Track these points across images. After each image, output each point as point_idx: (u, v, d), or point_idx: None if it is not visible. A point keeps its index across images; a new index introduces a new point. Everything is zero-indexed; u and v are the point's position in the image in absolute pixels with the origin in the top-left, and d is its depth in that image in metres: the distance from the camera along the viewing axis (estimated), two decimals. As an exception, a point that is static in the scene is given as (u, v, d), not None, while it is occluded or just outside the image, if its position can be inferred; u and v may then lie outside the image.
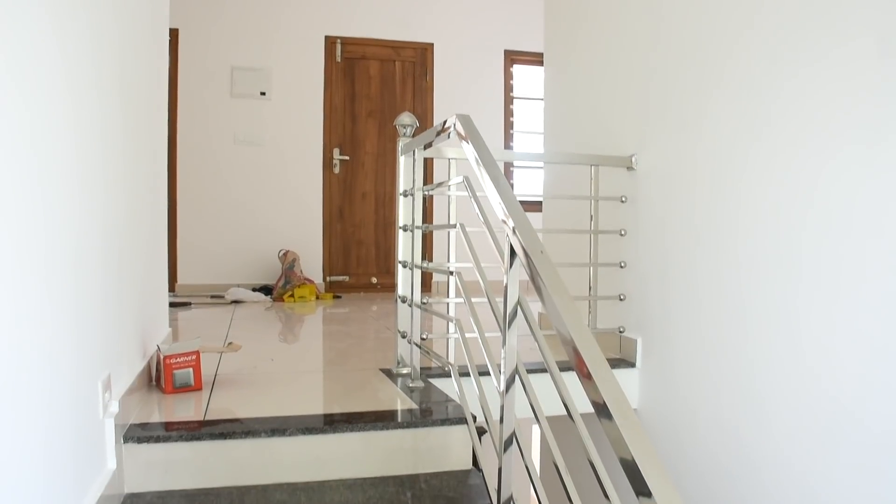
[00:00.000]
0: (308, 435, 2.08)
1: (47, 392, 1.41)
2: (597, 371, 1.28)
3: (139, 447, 2.00)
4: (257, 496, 1.98)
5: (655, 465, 1.10)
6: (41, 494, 1.38)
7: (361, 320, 4.66)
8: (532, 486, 1.71)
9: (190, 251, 6.07)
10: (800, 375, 2.14)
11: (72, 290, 1.60)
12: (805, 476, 2.12)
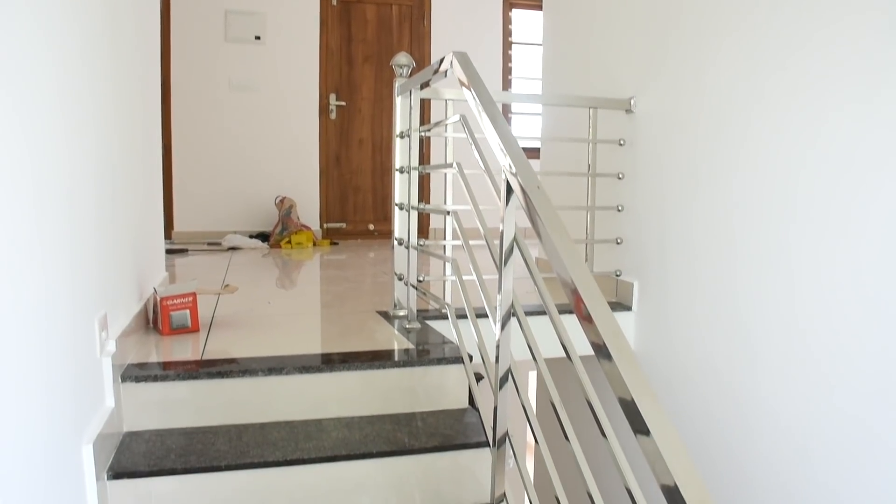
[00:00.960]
0: (305, 374, 2.09)
1: (43, 329, 1.41)
2: (596, 310, 1.27)
3: (137, 386, 2.01)
4: (255, 434, 1.99)
5: (654, 405, 1.10)
6: (43, 430, 1.39)
7: (358, 266, 4.66)
8: (528, 423, 1.72)
9: (186, 198, 6.04)
10: (794, 319, 2.15)
11: (65, 227, 1.58)
12: (797, 420, 2.14)
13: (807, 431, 2.10)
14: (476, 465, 1.99)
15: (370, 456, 1.89)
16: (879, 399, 1.87)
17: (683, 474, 1.00)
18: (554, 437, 1.78)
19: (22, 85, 1.34)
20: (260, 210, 6.13)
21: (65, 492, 1.51)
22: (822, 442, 2.05)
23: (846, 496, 1.96)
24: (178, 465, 1.81)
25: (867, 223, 1.91)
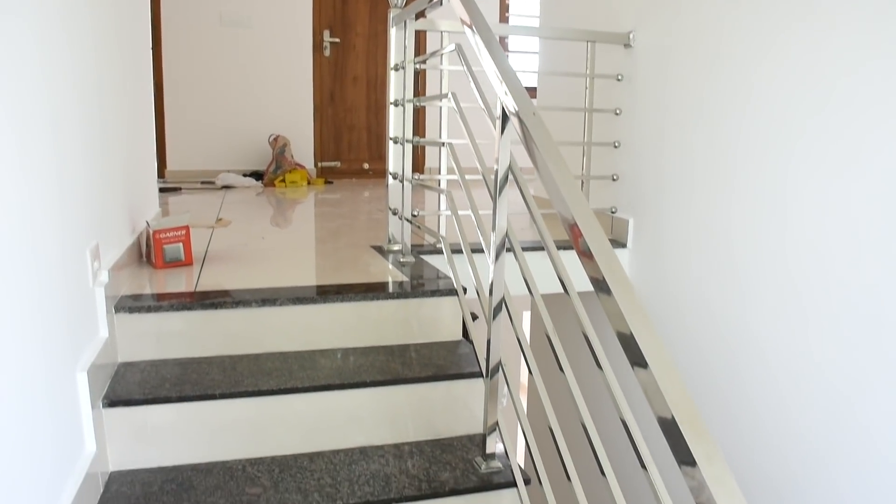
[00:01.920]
0: (299, 305, 2.08)
1: (31, 257, 1.39)
2: (594, 243, 1.25)
3: (131, 317, 2.01)
4: (249, 364, 2.00)
5: (653, 338, 1.10)
6: (35, 358, 1.38)
7: (353, 203, 4.63)
8: (522, 353, 1.73)
9: (178, 137, 5.97)
10: (787, 256, 2.14)
11: (49, 153, 1.55)
12: (788, 355, 2.15)
13: (797, 364, 2.11)
14: (469, 396, 2.00)
15: (364, 385, 1.90)
16: (870, 332, 1.88)
17: (681, 407, 1.00)
18: (547, 370, 1.79)
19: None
20: (253, 149, 6.07)
21: (60, 419, 1.51)
22: (812, 374, 2.06)
23: (836, 425, 1.99)
24: (172, 394, 1.82)
25: (864, 160, 1.89)
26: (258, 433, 1.87)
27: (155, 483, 1.76)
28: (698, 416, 1.00)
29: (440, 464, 1.85)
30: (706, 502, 0.94)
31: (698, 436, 0.98)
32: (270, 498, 1.68)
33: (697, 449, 0.97)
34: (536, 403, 3.42)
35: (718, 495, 0.92)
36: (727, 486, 0.93)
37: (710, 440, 0.98)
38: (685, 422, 0.98)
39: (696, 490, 0.96)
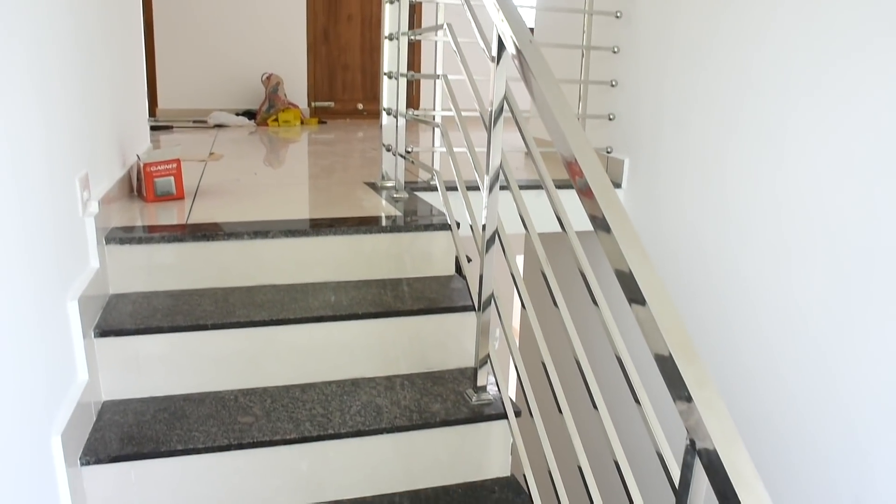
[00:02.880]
0: (291, 238, 2.07)
1: (14, 181, 1.37)
2: (594, 180, 1.23)
3: (122, 248, 1.99)
4: (241, 296, 1.99)
5: (651, 274, 1.09)
6: (24, 284, 1.37)
7: (347, 143, 4.59)
8: (515, 285, 1.72)
9: (169, 76, 5.87)
10: (784, 197, 2.13)
11: (32, 76, 1.51)
12: (781, 295, 2.15)
13: (790, 305, 2.12)
14: (461, 330, 2.00)
15: (356, 317, 1.90)
16: (862, 272, 1.88)
17: (678, 344, 1.00)
18: (541, 307, 1.79)
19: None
20: (246, 87, 5.99)
21: (52, 347, 1.51)
22: (804, 313, 2.07)
23: (827, 364, 2.00)
24: (164, 324, 1.82)
25: (863, 99, 1.86)
26: (250, 364, 1.88)
27: (147, 412, 1.77)
28: (695, 352, 0.99)
29: (431, 395, 1.86)
30: (696, 425, 0.94)
31: (695, 371, 0.98)
32: (262, 427, 1.69)
33: (691, 379, 0.97)
34: (529, 340, 3.44)
35: (709, 421, 0.92)
36: (722, 420, 0.93)
37: (705, 373, 0.98)
38: (681, 358, 0.98)
39: (685, 414, 0.96)
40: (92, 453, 1.59)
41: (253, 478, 1.69)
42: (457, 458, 1.81)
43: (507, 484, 1.83)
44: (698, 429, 0.94)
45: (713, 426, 0.93)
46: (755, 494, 0.87)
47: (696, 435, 0.94)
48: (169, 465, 1.63)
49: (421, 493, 1.78)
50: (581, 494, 1.48)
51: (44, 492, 1.39)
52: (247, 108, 5.90)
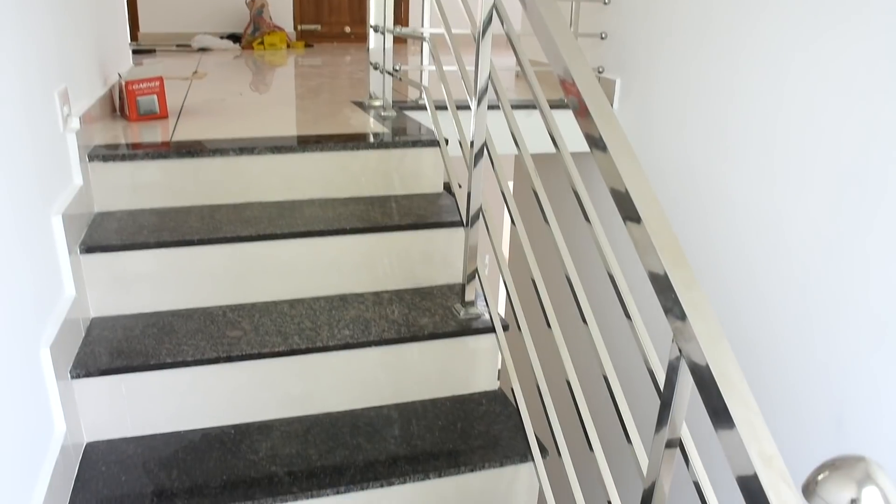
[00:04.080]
0: (278, 154, 2.04)
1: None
2: (591, 98, 1.20)
3: (105, 166, 1.96)
4: (228, 213, 1.98)
5: (647, 192, 1.07)
6: (5, 198, 1.35)
7: (334, 66, 4.51)
8: (504, 199, 1.71)
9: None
10: (776, 114, 2.10)
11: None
12: (772, 215, 2.14)
13: (778, 227, 2.11)
14: (449, 246, 2.00)
15: (344, 233, 1.89)
16: (852, 196, 1.87)
17: (672, 260, 0.99)
18: (530, 224, 1.78)
19: None
20: (230, 10, 5.84)
21: (37, 263, 1.50)
22: (790, 236, 2.07)
23: (811, 287, 2.01)
24: (150, 240, 1.80)
25: (863, 17, 1.82)
26: (238, 280, 1.87)
27: (136, 327, 1.77)
28: (689, 269, 0.99)
29: (420, 310, 1.86)
30: (682, 327, 0.95)
31: (683, 274, 0.97)
32: (251, 340, 1.70)
33: (679, 282, 0.97)
34: (518, 258, 3.44)
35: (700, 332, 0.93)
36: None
37: (693, 277, 0.98)
38: (676, 274, 0.97)
39: (672, 317, 0.96)
40: (82, 367, 1.59)
41: (242, 391, 1.70)
42: (445, 371, 1.83)
43: (494, 397, 1.85)
44: (684, 330, 0.94)
45: (699, 328, 0.93)
46: (739, 395, 0.88)
47: (682, 336, 0.95)
48: (158, 377, 1.64)
49: (409, 405, 1.80)
50: (568, 407, 1.50)
51: (36, 404, 1.40)
52: (231, 32, 5.77)
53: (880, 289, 1.81)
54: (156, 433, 1.68)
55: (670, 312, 0.97)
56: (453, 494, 1.62)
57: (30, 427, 1.35)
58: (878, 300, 1.81)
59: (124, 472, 1.55)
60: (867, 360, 1.86)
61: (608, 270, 1.28)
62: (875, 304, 1.82)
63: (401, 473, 1.55)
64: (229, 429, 1.70)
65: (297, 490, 1.49)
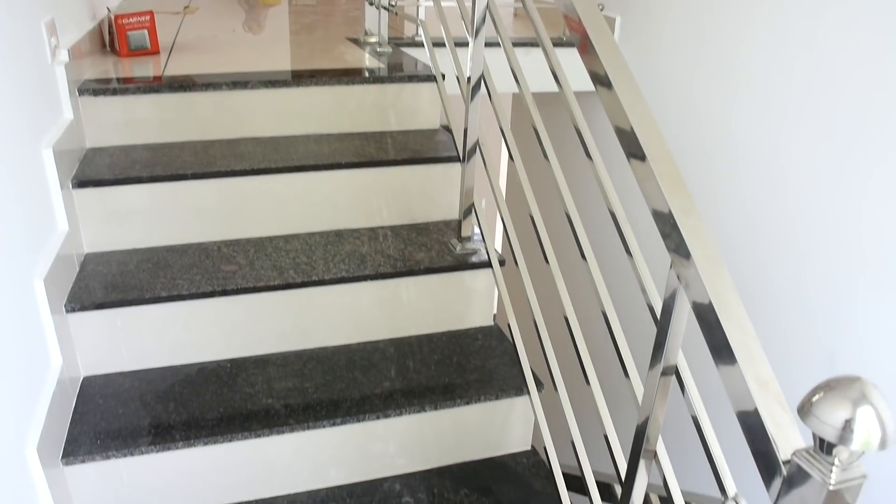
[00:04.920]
0: (272, 89, 2.01)
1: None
2: (596, 33, 1.16)
3: (96, 100, 1.93)
4: (222, 148, 1.95)
5: (653, 129, 1.05)
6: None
7: (329, 3, 4.41)
8: (503, 137, 1.69)
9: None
10: (780, 53, 2.06)
11: None
12: (770, 152, 2.12)
13: (776, 165, 2.09)
14: (446, 183, 1.98)
15: (339, 167, 1.87)
16: (856, 131, 1.85)
17: (672, 188, 0.98)
18: (529, 162, 1.75)
19: None
20: (222, -53, 5.70)
21: (29, 194, 1.48)
22: (789, 173, 2.05)
23: (806, 223, 2.00)
24: (143, 175, 1.78)
25: None
26: (233, 215, 1.86)
27: (130, 263, 1.76)
28: (696, 209, 0.97)
29: (416, 245, 1.85)
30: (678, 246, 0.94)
31: (687, 214, 0.96)
32: (246, 274, 1.69)
33: (678, 209, 0.96)
34: (516, 195, 3.42)
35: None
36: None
37: (693, 203, 0.96)
38: (681, 214, 0.96)
39: (670, 242, 0.95)
40: (77, 300, 1.59)
41: (238, 325, 1.70)
42: (441, 306, 1.82)
43: (490, 332, 1.85)
44: (682, 256, 0.93)
45: (698, 253, 0.92)
46: (736, 319, 0.88)
47: (680, 262, 0.94)
48: (154, 311, 1.63)
49: (405, 340, 1.80)
50: (564, 342, 1.50)
51: (31, 337, 1.39)
52: (224, -31, 5.64)
53: (876, 228, 1.80)
54: (152, 367, 1.69)
55: (668, 238, 0.96)
56: (449, 427, 1.63)
57: (26, 359, 1.35)
58: (873, 239, 1.81)
59: (121, 406, 1.56)
60: (861, 297, 1.86)
61: (609, 207, 1.27)
62: (870, 242, 1.81)
63: (396, 406, 1.55)
64: (226, 363, 1.70)
65: (293, 422, 1.49)
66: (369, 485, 1.61)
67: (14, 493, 1.21)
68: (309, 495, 1.57)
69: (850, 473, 0.70)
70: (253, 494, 1.56)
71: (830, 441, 0.68)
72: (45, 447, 1.33)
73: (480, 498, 1.58)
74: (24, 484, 1.26)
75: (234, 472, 1.53)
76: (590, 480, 1.42)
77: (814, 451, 0.72)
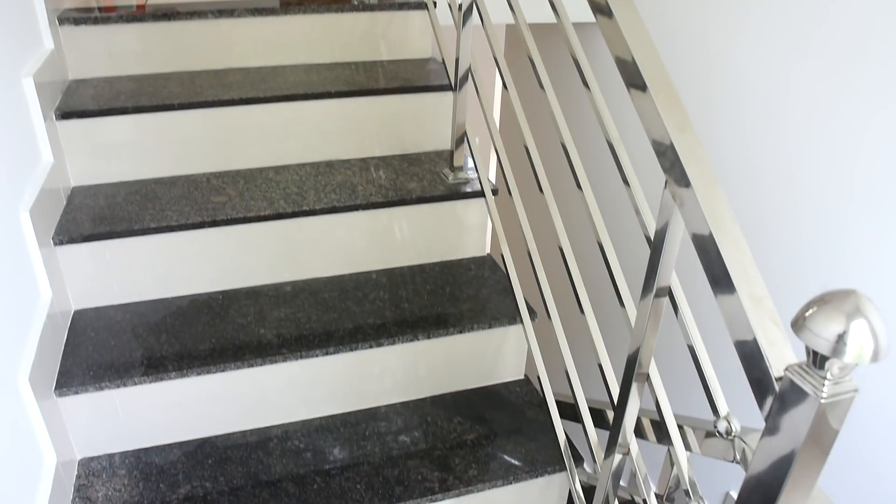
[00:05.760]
0: (259, 17, 1.95)
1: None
2: None
3: (77, 29, 1.88)
4: (209, 78, 1.91)
5: (655, 59, 1.02)
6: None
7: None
8: (496, 65, 1.64)
9: None
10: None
11: None
12: (774, 81, 2.08)
13: (777, 93, 2.06)
14: (437, 113, 1.94)
15: (329, 96, 1.83)
16: (855, 61, 1.81)
17: (674, 118, 0.95)
18: (524, 92, 1.72)
19: None
20: None
21: (11, 125, 1.45)
22: (790, 102, 2.01)
23: (808, 156, 1.98)
24: (128, 105, 1.74)
25: None
26: (221, 146, 1.83)
27: (118, 195, 1.73)
28: (696, 137, 0.95)
29: (407, 175, 1.83)
30: (673, 165, 0.92)
31: (682, 132, 0.94)
32: (236, 205, 1.67)
33: (672, 125, 0.93)
34: (510, 126, 3.39)
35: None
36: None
37: (693, 135, 0.94)
38: (680, 140, 0.94)
39: (665, 159, 0.93)
40: (64, 233, 1.57)
41: (229, 256, 1.69)
42: (433, 237, 1.81)
43: (483, 262, 1.84)
44: (677, 173, 0.92)
45: (693, 171, 0.91)
46: (731, 237, 0.86)
47: (675, 181, 0.92)
48: (143, 243, 1.61)
49: (397, 271, 1.80)
50: (557, 272, 1.49)
51: (19, 269, 1.37)
52: None
53: (872, 154, 1.78)
54: (143, 300, 1.68)
55: (664, 156, 0.94)
56: (442, 356, 1.63)
57: (15, 291, 1.34)
58: (869, 166, 1.79)
59: (113, 338, 1.55)
60: (856, 225, 1.85)
61: (607, 138, 1.24)
62: (866, 169, 1.80)
63: (389, 335, 1.55)
64: (217, 295, 1.69)
65: (286, 352, 1.49)
66: (363, 414, 1.62)
67: (9, 424, 1.21)
68: (303, 425, 1.58)
69: (842, 387, 0.70)
70: (247, 424, 1.57)
71: (824, 354, 0.68)
72: (38, 378, 1.32)
73: (474, 426, 1.59)
74: (19, 415, 1.25)
75: (227, 402, 1.53)
76: (582, 406, 1.42)
77: (806, 365, 0.71)
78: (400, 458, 1.50)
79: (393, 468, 1.48)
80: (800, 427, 0.72)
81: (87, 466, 1.48)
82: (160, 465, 1.48)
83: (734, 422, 1.07)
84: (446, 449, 1.53)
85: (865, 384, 0.88)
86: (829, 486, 1.09)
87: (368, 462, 1.49)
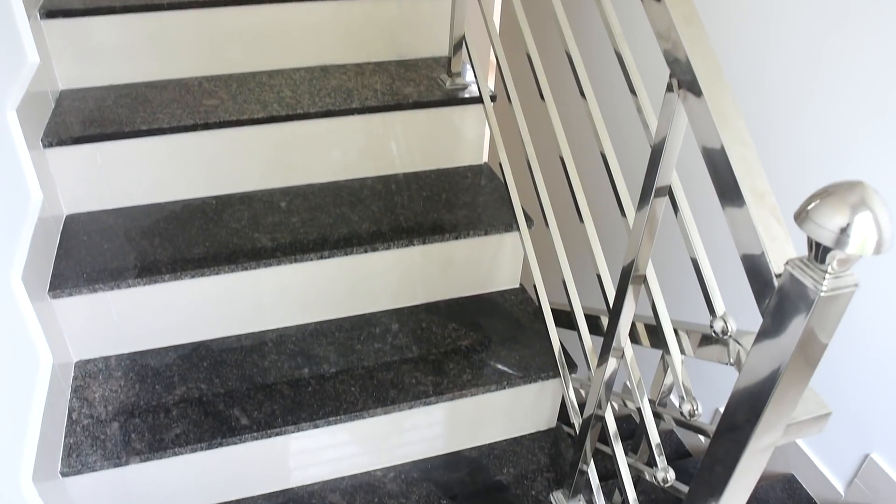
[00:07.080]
0: None
1: None
2: None
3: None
4: None
5: None
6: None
7: None
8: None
9: None
10: None
11: None
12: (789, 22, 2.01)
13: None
14: (434, 18, 1.88)
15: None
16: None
17: (684, 20, 0.91)
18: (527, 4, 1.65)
19: None
20: None
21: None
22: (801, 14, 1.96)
23: (813, 71, 1.93)
24: (116, 4, 1.68)
25: None
26: (213, 49, 1.77)
27: (108, 98, 1.69)
28: (697, 14, 0.91)
29: (404, 80, 1.79)
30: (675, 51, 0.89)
31: (688, 23, 0.90)
32: (229, 108, 1.63)
33: (679, 17, 0.90)
34: (510, 34, 3.30)
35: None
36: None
37: (701, 26, 0.90)
38: (677, 12, 0.90)
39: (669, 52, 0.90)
40: (54, 135, 1.53)
41: (222, 160, 1.66)
42: (429, 143, 1.78)
43: (480, 171, 1.82)
44: (681, 63, 0.89)
45: (698, 63, 0.88)
46: (735, 130, 0.84)
47: (679, 70, 0.89)
48: (135, 146, 1.58)
49: (393, 177, 1.77)
50: (555, 182, 1.47)
51: (7, 169, 1.35)
52: None
53: (877, 68, 1.73)
54: (136, 204, 1.66)
55: (668, 50, 0.90)
56: (437, 262, 1.63)
57: (4, 192, 1.31)
58: (871, 80, 1.75)
59: (106, 241, 1.54)
60: (858, 141, 1.82)
61: (615, 48, 1.20)
62: (869, 84, 1.76)
63: (384, 240, 1.54)
64: (211, 199, 1.67)
65: (280, 255, 1.48)
66: (358, 318, 1.62)
67: (3, 323, 1.20)
68: (298, 329, 1.59)
69: (843, 281, 0.69)
70: (242, 329, 1.58)
71: (826, 245, 0.66)
72: (31, 279, 1.31)
73: (468, 332, 1.59)
74: (13, 315, 1.25)
75: (222, 306, 1.53)
76: (577, 312, 1.42)
77: (808, 259, 0.70)
78: (394, 363, 1.51)
79: (387, 372, 1.48)
80: (797, 323, 0.71)
81: (83, 368, 1.49)
82: (156, 368, 1.49)
83: (730, 321, 1.06)
84: (440, 354, 1.54)
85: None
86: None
87: (363, 366, 1.50)
